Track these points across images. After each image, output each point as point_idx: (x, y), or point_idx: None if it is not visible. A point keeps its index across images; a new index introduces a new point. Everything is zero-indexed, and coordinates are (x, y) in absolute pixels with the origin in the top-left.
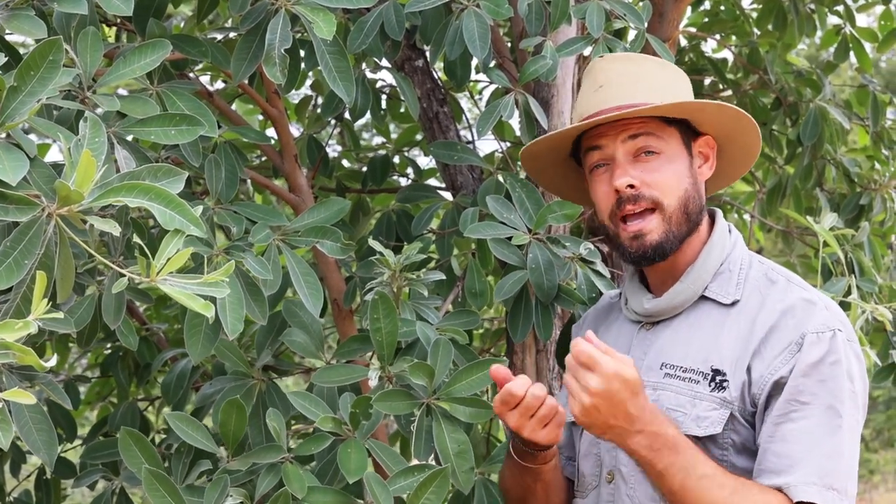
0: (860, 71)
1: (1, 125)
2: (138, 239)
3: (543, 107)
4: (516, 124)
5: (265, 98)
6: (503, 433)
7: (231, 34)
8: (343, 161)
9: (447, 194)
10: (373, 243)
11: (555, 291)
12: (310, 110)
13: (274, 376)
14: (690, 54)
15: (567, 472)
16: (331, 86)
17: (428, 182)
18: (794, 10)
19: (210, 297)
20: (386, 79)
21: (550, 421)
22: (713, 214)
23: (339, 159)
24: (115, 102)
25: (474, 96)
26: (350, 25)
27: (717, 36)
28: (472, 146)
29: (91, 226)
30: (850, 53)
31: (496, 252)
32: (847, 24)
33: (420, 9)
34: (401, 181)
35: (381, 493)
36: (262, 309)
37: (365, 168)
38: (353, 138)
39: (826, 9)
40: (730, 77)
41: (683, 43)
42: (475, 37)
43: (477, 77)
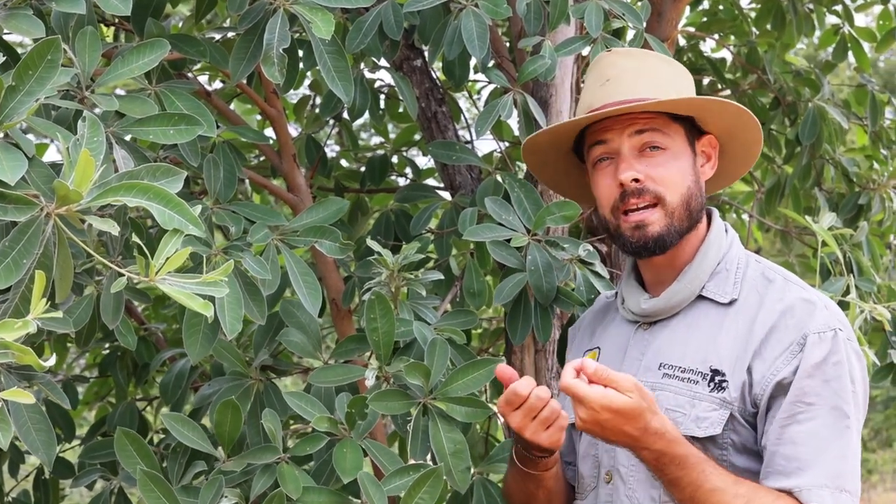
0: (859, 70)
1: None
2: (137, 238)
3: (542, 106)
4: (515, 124)
5: (263, 98)
6: (502, 433)
7: (229, 34)
8: (341, 161)
9: (446, 194)
10: (371, 243)
11: (554, 293)
12: (308, 110)
13: (272, 376)
14: (689, 54)
15: (569, 476)
16: (329, 85)
17: (426, 182)
18: (793, 10)
19: (209, 297)
20: (384, 78)
21: (552, 423)
22: (710, 214)
23: (337, 159)
24: (114, 102)
25: (473, 96)
26: (348, 25)
27: (716, 35)
28: (470, 146)
29: (90, 225)
30: (849, 53)
31: (495, 255)
32: (845, 23)
33: (418, 8)
34: (399, 181)
35: (374, 493)
36: (261, 309)
37: (363, 168)
38: (351, 138)
39: (824, 8)
40: (728, 77)
41: (682, 42)
42: (474, 36)
43: (475, 77)
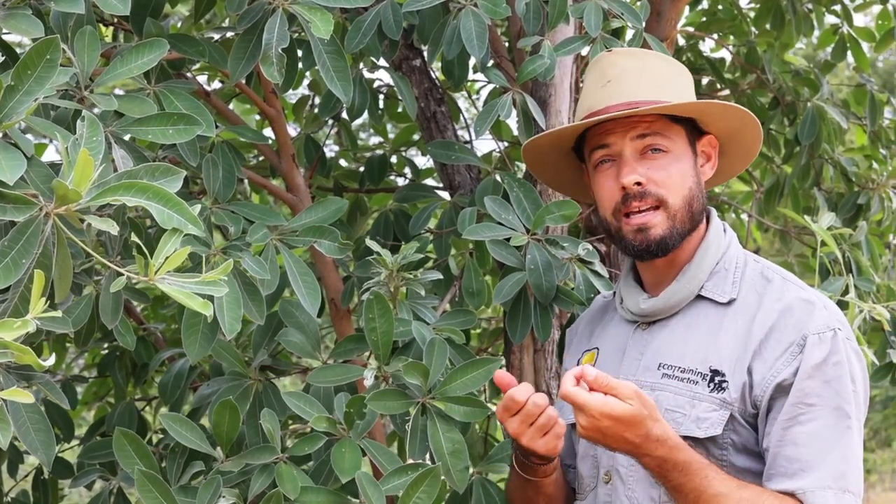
0: (858, 70)
1: None
2: (136, 238)
3: (541, 106)
4: (514, 124)
5: (262, 98)
6: (501, 433)
7: (228, 34)
8: (340, 161)
9: (445, 194)
10: (370, 243)
11: (553, 292)
12: (307, 110)
13: (271, 376)
14: (688, 54)
15: (569, 479)
16: (328, 85)
17: (425, 182)
18: (792, 10)
19: (208, 296)
20: (383, 78)
21: (549, 431)
22: (708, 213)
23: (336, 159)
24: (113, 102)
25: (472, 96)
26: (347, 25)
27: (715, 35)
28: (469, 146)
29: (88, 225)
30: (848, 53)
31: (494, 254)
32: (844, 23)
33: (417, 8)
34: (398, 181)
35: (372, 493)
36: (260, 309)
37: (362, 168)
38: (350, 138)
39: (823, 8)
40: (727, 76)
41: (681, 42)
42: (473, 36)
43: (474, 76)
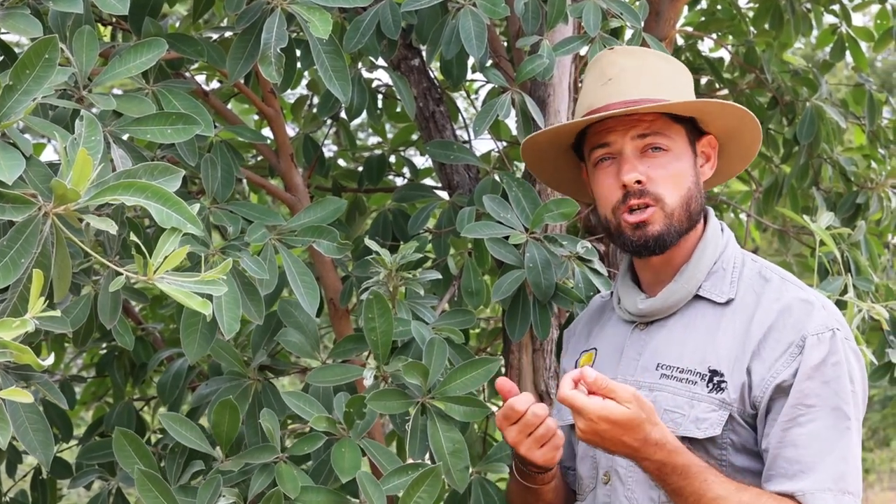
0: (856, 70)
1: None
2: (135, 237)
3: (540, 106)
4: (513, 123)
5: (261, 97)
6: (500, 433)
7: (227, 33)
8: (339, 160)
9: (443, 194)
10: (369, 243)
11: (552, 290)
12: (306, 110)
13: (270, 376)
14: (687, 53)
15: (569, 481)
16: (327, 85)
17: (424, 181)
18: (791, 10)
19: (207, 295)
20: (382, 78)
21: (548, 442)
22: (705, 213)
23: (335, 159)
24: (111, 101)
25: (470, 95)
26: (346, 25)
27: (714, 35)
28: (468, 145)
29: (87, 225)
30: (847, 52)
31: (493, 252)
32: (843, 23)
33: (416, 8)
34: (397, 181)
35: (373, 493)
36: (259, 308)
37: (361, 167)
38: (349, 138)
39: (822, 8)
40: (726, 76)
41: (680, 42)
42: (471, 36)
43: (473, 76)
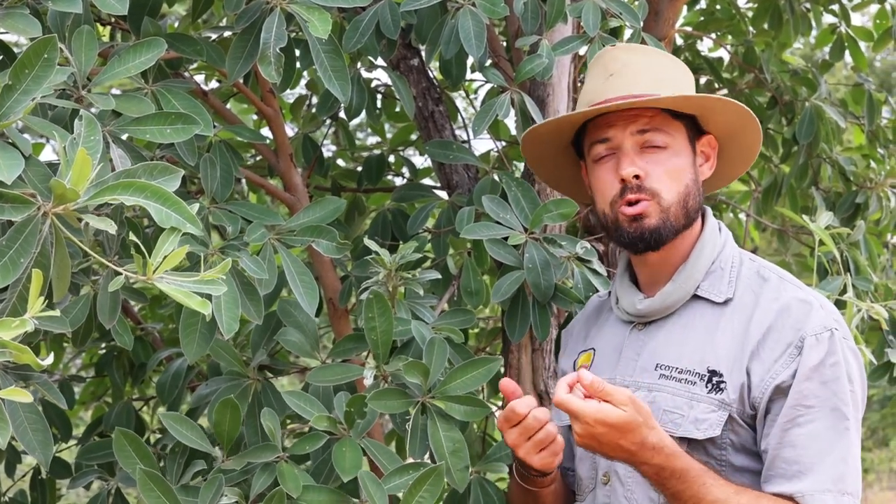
0: (855, 70)
1: None
2: (134, 237)
3: (539, 106)
4: (512, 123)
5: (260, 97)
6: (499, 432)
7: (226, 33)
8: (338, 160)
9: (443, 193)
10: (368, 242)
11: (552, 291)
12: (305, 110)
13: (269, 376)
14: (686, 53)
15: (569, 482)
16: (326, 85)
17: (423, 181)
18: (790, 9)
19: (206, 295)
20: (381, 78)
21: (547, 447)
22: (703, 213)
23: (334, 158)
24: (111, 101)
25: (470, 95)
26: (345, 24)
27: (713, 35)
28: (467, 145)
29: (86, 225)
30: (846, 52)
31: (492, 252)
32: (842, 22)
33: (415, 7)
34: (396, 180)
35: (375, 492)
36: (258, 308)
37: (360, 167)
38: (348, 137)
39: (821, 8)
40: (726, 76)
41: (679, 42)
42: (471, 35)
43: (472, 76)
